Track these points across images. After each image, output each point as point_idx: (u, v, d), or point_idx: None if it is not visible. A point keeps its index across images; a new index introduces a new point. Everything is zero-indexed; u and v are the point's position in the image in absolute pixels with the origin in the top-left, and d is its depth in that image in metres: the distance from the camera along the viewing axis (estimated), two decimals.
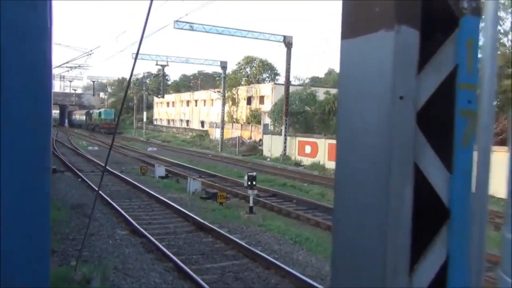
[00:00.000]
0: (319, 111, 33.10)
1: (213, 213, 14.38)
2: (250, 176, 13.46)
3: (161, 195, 16.93)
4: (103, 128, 68.96)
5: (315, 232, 12.52)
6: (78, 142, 48.67)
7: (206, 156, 37.95)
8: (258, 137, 47.44)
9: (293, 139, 32.02)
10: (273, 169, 28.92)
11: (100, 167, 26.12)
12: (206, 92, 69.70)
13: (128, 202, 15.89)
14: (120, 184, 20.20)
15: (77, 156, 33.48)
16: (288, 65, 31.80)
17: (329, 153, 28.37)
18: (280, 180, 23.65)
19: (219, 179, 23.35)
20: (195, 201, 16.45)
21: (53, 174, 22.36)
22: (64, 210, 13.51)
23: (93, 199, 15.87)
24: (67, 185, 18.79)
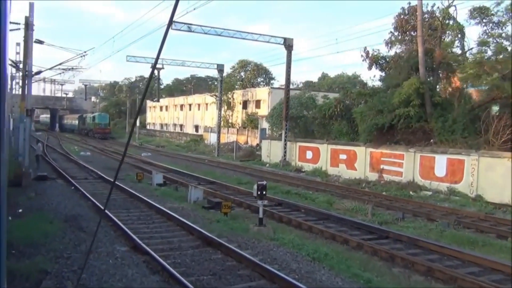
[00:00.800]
0: (319, 116, 32.12)
1: (219, 225, 13.33)
2: (260, 185, 12.43)
3: (161, 204, 15.84)
4: (98, 133, 67.22)
5: (332, 246, 11.52)
6: (69, 147, 47.40)
7: (202, 162, 36.90)
8: (255, 142, 46.46)
9: (293, 144, 31.06)
10: (273, 175, 27.93)
11: (94, 174, 24.99)
12: (200, 96, 68.64)
13: (126, 212, 14.78)
14: (116, 193, 19.02)
15: (69, 162, 32.27)
16: (288, 68, 30.88)
17: (332, 159, 27.46)
18: (283, 187, 22.65)
19: (219, 187, 22.31)
20: (197, 211, 15.37)
21: (44, 181, 21.22)
22: (56, 223, 12.40)
23: (88, 210, 14.81)
24: (59, 194, 17.63)
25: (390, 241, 12.35)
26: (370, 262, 10.30)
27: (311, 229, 13.36)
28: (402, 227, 14.54)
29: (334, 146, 27.32)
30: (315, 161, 28.87)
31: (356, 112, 26.20)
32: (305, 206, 16.96)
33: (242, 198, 18.94)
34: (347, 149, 26.30)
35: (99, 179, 23.19)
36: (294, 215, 15.53)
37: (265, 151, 34.71)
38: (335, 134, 29.73)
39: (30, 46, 20.01)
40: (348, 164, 26.05)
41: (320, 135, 31.79)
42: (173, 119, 77.31)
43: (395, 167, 22.85)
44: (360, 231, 13.49)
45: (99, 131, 67.76)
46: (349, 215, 16.14)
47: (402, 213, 15.98)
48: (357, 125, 28.03)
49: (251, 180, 24.95)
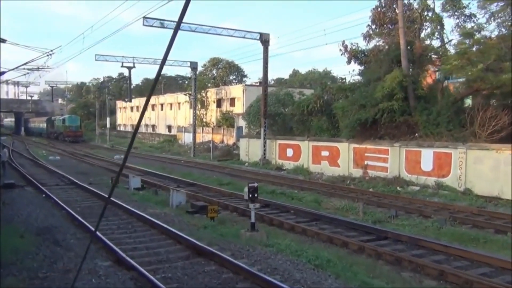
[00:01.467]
0: (298, 112, 31.48)
1: (207, 232, 12.41)
2: (252, 188, 11.55)
3: (141, 211, 14.79)
4: (69, 136, 64.24)
5: (332, 250, 10.77)
6: (37, 151, 45.37)
7: (178, 163, 35.76)
8: (231, 140, 45.55)
9: (273, 142, 30.30)
10: (254, 174, 27.13)
11: (65, 179, 23.58)
12: (172, 96, 67.24)
13: (105, 221, 13.63)
14: (91, 199, 17.88)
15: (37, 168, 30.58)
16: (265, 64, 30.09)
17: (313, 156, 26.84)
18: (266, 187, 21.81)
19: (200, 189, 21.34)
20: (181, 217, 14.39)
21: (11, 189, 19.77)
22: (28, 237, 11.21)
23: (63, 220, 13.62)
24: (29, 203, 16.29)
25: (390, 241, 11.71)
26: (376, 267, 9.61)
27: (306, 232, 12.59)
28: (398, 225, 13.96)
29: (316, 142, 26.69)
30: (296, 159, 28.19)
31: (337, 107, 25.66)
32: (294, 207, 16.22)
33: (226, 200, 18.06)
34: (329, 146, 25.72)
35: (72, 184, 21.84)
36: (284, 217, 14.76)
37: (243, 150, 33.85)
38: (315, 131, 29.14)
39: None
40: (331, 161, 25.47)
41: (299, 132, 31.17)
42: (144, 119, 75.48)
43: (380, 163, 22.39)
44: (356, 231, 12.82)
45: (70, 134, 64.81)
46: (340, 215, 15.48)
47: (395, 210, 15.43)
48: (338, 121, 27.52)
49: (232, 181, 24.10)
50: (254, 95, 48.66)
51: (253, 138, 32.88)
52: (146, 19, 25.63)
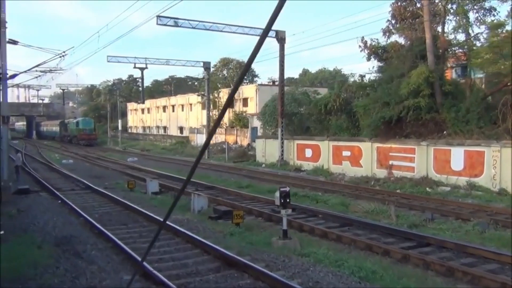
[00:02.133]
0: (315, 111, 30.63)
1: (235, 240, 11.64)
2: (284, 192, 10.77)
3: (162, 216, 14.06)
4: (83, 139, 62.76)
5: (374, 259, 9.92)
6: (50, 155, 44.94)
7: (192, 165, 35.01)
8: (245, 141, 44.80)
9: (291, 142, 29.47)
10: (272, 176, 26.33)
11: (80, 184, 22.97)
12: (184, 97, 66.63)
13: (125, 229, 12.96)
14: (109, 205, 17.18)
15: (51, 172, 30.06)
16: (281, 62, 29.26)
17: (334, 156, 25.97)
18: None
19: (220, 192, 20.59)
20: (204, 223, 13.65)
21: (26, 195, 19.18)
22: (47, 248, 10.52)
23: (82, 229, 12.93)
24: (45, 209, 15.64)
25: (434, 248, 10.84)
26: (427, 279, 8.76)
27: (341, 239, 11.75)
28: (436, 229, 13.06)
29: (336, 142, 25.82)
30: (315, 159, 27.34)
31: (358, 105, 24.76)
32: (322, 211, 15.38)
33: (249, 204, 17.28)
34: (350, 145, 24.83)
35: (87, 189, 21.20)
36: (313, 222, 13.94)
37: (259, 150, 33.06)
38: (335, 130, 28.25)
39: (3, 45, 17.93)
40: (353, 161, 24.58)
41: (317, 131, 30.30)
42: (155, 121, 75.07)
43: (406, 162, 21.46)
44: (394, 237, 11.96)
45: (84, 138, 63.09)
46: (371, 219, 14.64)
47: (431, 213, 14.53)
48: (358, 120, 26.64)
49: (251, 183, 23.33)
50: (267, 95, 47.84)
51: (270, 138, 32.08)
52: (159, 17, 24.95)
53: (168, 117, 70.42)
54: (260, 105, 47.29)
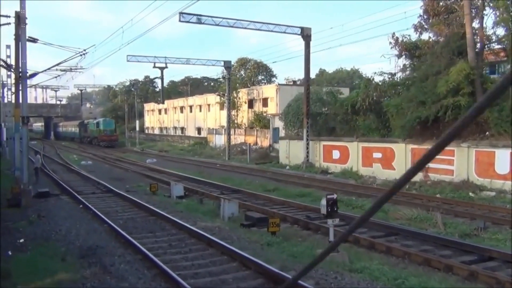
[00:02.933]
0: (341, 111, 29.47)
1: (274, 251, 10.62)
2: (331, 200, 9.72)
3: (191, 224, 13.12)
4: (103, 140, 60.85)
5: (437, 276, 8.79)
6: (68, 156, 44.47)
7: (214, 166, 34.16)
8: (265, 142, 43.79)
9: (317, 143, 28.35)
10: (299, 179, 25.25)
11: (101, 186, 22.18)
12: (201, 97, 65.89)
13: (153, 237, 12.02)
14: (132, 209, 16.29)
15: (70, 173, 29.40)
16: (307, 60, 28.16)
17: (364, 158, 24.79)
18: (317, 193, 19.90)
19: (247, 196, 19.58)
20: (237, 231, 12.65)
21: (46, 199, 18.41)
22: (71, 260, 9.62)
23: (107, 237, 12.02)
24: (66, 215, 14.80)
25: (500, 263, 9.67)
26: None
27: (391, 251, 10.64)
28: (493, 240, 11.87)
29: (367, 143, 24.64)
30: (343, 161, 26.19)
31: (390, 105, 23.53)
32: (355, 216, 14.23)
33: (281, 210, 16.24)
34: (382, 147, 23.64)
35: (108, 192, 20.38)
36: (356, 231, 12.82)
37: (283, 152, 31.99)
38: (363, 131, 27.05)
39: (23, 43, 17.18)
40: (385, 163, 23.38)
41: (343, 132, 29.13)
42: (173, 122, 74.44)
43: (444, 165, 20.18)
44: (449, 249, 10.83)
45: (105, 139, 60.91)
46: (416, 227, 13.51)
47: (483, 221, 13.32)
48: (389, 120, 25.41)
49: (278, 186, 22.30)
50: (288, 95, 46.81)
51: (294, 139, 30.98)
52: (182, 14, 24.05)
53: (185, 118, 69.75)
54: (281, 105, 46.25)
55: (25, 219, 14.35)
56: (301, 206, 16.66)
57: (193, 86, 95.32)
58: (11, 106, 39.09)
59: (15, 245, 11.45)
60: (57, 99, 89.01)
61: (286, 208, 16.67)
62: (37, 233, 12.41)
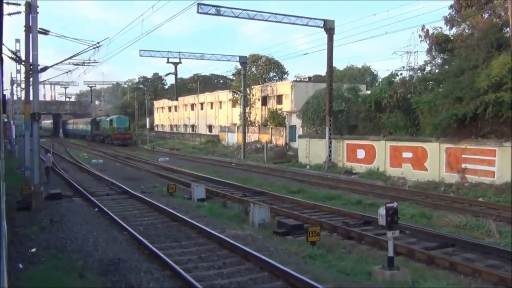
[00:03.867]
0: (364, 109, 28.08)
1: (320, 266, 9.32)
2: (390, 209, 8.36)
3: (219, 231, 11.86)
4: (117, 139, 58.06)
5: None
6: (78, 154, 43.39)
7: (229, 166, 32.89)
8: (280, 140, 42.47)
9: (340, 142, 26.95)
10: (323, 179, 23.90)
11: (115, 187, 20.96)
12: (213, 94, 64.65)
13: (178, 247, 10.75)
14: (151, 214, 15.03)
15: (81, 173, 28.24)
16: (329, 54, 26.78)
17: (392, 158, 23.38)
18: (347, 196, 18.56)
19: (272, 198, 18.26)
20: (271, 241, 11.34)
21: (58, 200, 17.21)
22: (91, 278, 8.37)
23: (129, 248, 10.75)
24: (81, 220, 13.56)
25: None
26: None
27: (455, 267, 9.26)
28: None
29: (395, 142, 23.23)
30: (369, 161, 24.79)
31: (422, 101, 22.07)
32: (406, 225, 12.86)
33: (313, 215, 14.91)
34: (413, 146, 22.22)
35: (124, 194, 19.14)
36: (405, 241, 11.48)
37: (302, 151, 30.62)
38: (389, 129, 25.63)
39: (35, 33, 15.95)
40: (415, 164, 21.96)
41: (367, 130, 27.74)
42: (183, 119, 73.31)
43: (483, 166, 18.76)
44: None
45: (118, 137, 57.79)
46: (468, 235, 12.12)
47: None
48: (417, 117, 23.98)
49: (302, 188, 20.92)
50: (303, 92, 45.45)
51: (314, 138, 29.60)
52: (200, 5, 22.77)
53: (196, 115, 68.58)
54: (296, 102, 44.92)
55: (36, 224, 13.16)
56: (334, 211, 15.35)
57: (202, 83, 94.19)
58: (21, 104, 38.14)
59: (26, 255, 10.24)
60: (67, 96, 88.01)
61: (318, 213, 15.34)
62: (50, 242, 11.18)
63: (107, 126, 61.10)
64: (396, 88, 24.98)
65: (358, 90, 33.12)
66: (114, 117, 62.36)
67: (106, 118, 63.96)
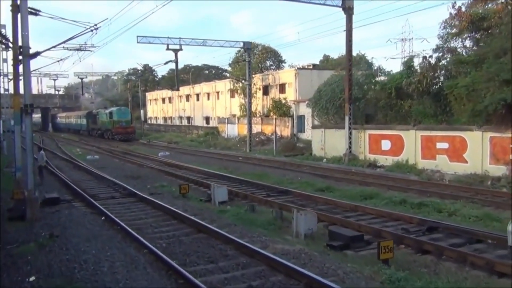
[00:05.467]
0: (383, 96, 25.91)
1: None
2: None
3: (261, 246, 9.66)
4: (118, 133, 52.22)
5: None
6: (70, 149, 40.68)
7: (236, 160, 30.55)
8: (285, 132, 40.19)
9: (361, 132, 24.72)
10: (346, 174, 21.77)
11: (119, 188, 18.56)
12: (209, 84, 62.03)
13: (218, 271, 8.47)
14: (170, 222, 12.68)
15: (78, 171, 25.71)
16: (349, 36, 24.48)
17: (424, 149, 21.24)
18: (386, 194, 16.35)
19: (300, 199, 16.03)
20: (331, 259, 9.09)
21: (55, 206, 14.84)
22: None
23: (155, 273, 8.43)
24: (88, 234, 11.18)
25: None
26: None
27: None
28: None
29: (428, 132, 21.06)
30: (396, 153, 22.64)
31: (459, 86, 19.89)
32: (483, 232, 10.70)
33: (360, 219, 12.68)
34: (449, 136, 20.09)
35: (131, 196, 16.75)
36: (491, 253, 9.30)
37: (316, 142, 28.37)
38: (417, 117, 23.47)
39: (24, 12, 13.44)
40: (453, 155, 19.84)
41: (389, 119, 25.60)
42: (178, 111, 70.61)
43: None
44: None
45: (120, 131, 52.09)
46: None
47: None
48: (449, 103, 21.85)
49: (329, 185, 18.67)
50: (307, 80, 43.18)
51: (330, 128, 27.36)
52: None
53: (192, 107, 65.93)
54: (300, 91, 42.67)
55: (33, 240, 10.81)
56: (382, 213, 13.16)
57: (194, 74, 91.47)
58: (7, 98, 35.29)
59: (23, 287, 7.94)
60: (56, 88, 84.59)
61: (364, 217, 13.14)
62: (53, 266, 8.86)
63: (106, 120, 55.43)
64: (425, 72, 22.76)
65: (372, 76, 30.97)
66: (114, 109, 56.48)
67: (104, 110, 58.27)
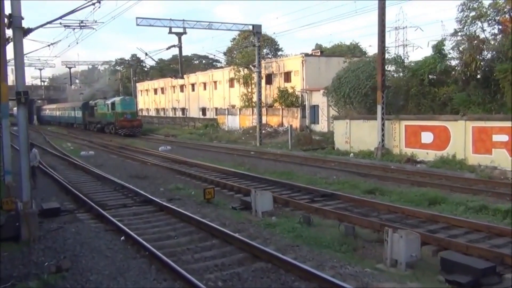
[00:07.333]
0: (415, 82, 23.29)
1: None
2: None
3: (355, 284, 6.87)
4: (124, 127, 44.71)
5: None
6: (60, 144, 37.31)
7: (248, 155, 27.67)
8: (294, 123, 37.39)
9: (395, 123, 22.02)
10: (386, 171, 19.16)
11: (129, 192, 15.58)
12: (206, 74, 58.91)
13: None
14: (210, 243, 9.79)
15: (74, 170, 22.57)
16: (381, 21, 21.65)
17: (476, 142, 18.66)
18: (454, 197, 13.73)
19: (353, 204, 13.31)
20: None
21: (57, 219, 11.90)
22: None
23: None
24: (111, 265, 8.27)
25: None
26: None
27: None
28: None
29: (482, 123, 18.44)
30: (440, 147, 20.02)
31: None
32: None
33: (448, 234, 9.97)
34: (508, 127, 17.50)
35: (146, 203, 13.80)
36: None
37: (340, 135, 25.61)
38: (460, 106, 20.90)
39: None
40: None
41: (424, 108, 23.02)
42: (171, 102, 67.36)
43: None
44: None
45: (125, 125, 44.70)
46: None
47: None
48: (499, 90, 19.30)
49: (377, 186, 15.95)
50: (314, 68, 40.55)
51: (357, 119, 24.62)
52: None
53: (187, 97, 62.76)
54: (308, 79, 40.01)
55: (34, 275, 7.92)
56: (481, 227, 10.38)
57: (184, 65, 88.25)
58: None
59: None
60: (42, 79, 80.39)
61: (455, 231, 10.41)
62: None
63: (108, 112, 47.76)
64: (474, 54, 20.12)
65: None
66: (117, 99, 48.53)
67: (103, 101, 50.57)
